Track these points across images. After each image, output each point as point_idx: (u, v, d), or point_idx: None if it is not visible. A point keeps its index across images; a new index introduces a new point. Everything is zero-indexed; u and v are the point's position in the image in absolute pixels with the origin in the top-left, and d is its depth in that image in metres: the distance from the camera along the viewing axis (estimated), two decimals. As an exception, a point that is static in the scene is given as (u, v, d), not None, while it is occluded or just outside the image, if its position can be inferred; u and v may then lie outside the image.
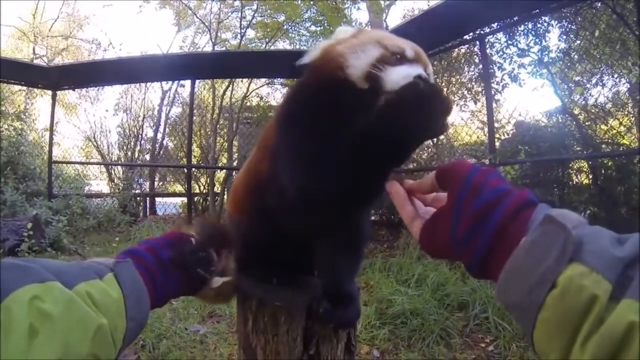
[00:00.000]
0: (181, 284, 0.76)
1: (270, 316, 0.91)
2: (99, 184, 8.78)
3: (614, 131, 4.65)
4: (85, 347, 0.52)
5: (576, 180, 4.61)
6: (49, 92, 7.13)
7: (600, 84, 5.15)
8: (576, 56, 5.32)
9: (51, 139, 6.94)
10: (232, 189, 1.14)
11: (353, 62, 0.74)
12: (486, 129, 4.85)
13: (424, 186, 0.65)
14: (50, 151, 6.88)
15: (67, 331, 0.50)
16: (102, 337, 0.54)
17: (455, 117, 6.53)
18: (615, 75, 5.07)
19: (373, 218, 5.80)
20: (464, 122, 6.58)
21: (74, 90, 7.84)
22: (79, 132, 8.91)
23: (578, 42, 5.22)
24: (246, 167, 1.06)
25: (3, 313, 0.45)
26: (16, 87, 8.91)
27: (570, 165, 4.54)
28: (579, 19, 4.93)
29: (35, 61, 11.28)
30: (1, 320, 0.45)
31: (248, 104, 7.66)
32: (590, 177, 4.40)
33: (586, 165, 4.49)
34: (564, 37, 5.19)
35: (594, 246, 0.40)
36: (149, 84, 8.53)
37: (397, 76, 0.69)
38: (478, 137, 6.29)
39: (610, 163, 4.19)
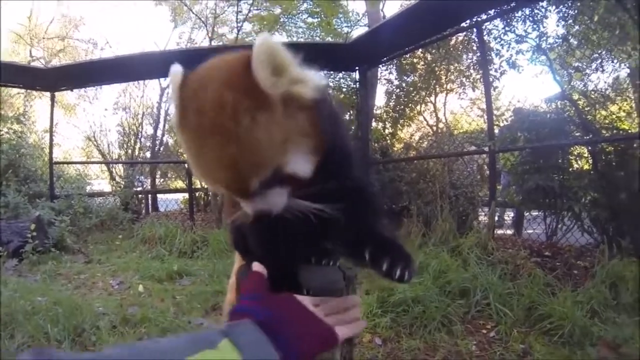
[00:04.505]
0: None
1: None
2: (100, 183, 8.80)
3: (614, 116, 4.61)
4: None
5: (576, 165, 4.58)
6: (48, 94, 7.11)
7: (600, 69, 5.08)
8: (575, 42, 5.26)
9: (51, 140, 6.95)
10: None
11: None
12: (485, 117, 4.84)
13: None
14: (50, 152, 6.89)
15: None
16: None
17: (455, 105, 6.54)
18: (615, 60, 4.99)
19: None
20: (463, 110, 6.59)
21: (72, 90, 7.81)
22: (79, 132, 8.98)
23: (577, 27, 5.15)
24: None
25: None
26: (14, 90, 8.93)
27: (570, 151, 4.52)
28: (577, 3, 4.86)
29: (32, 63, 11.26)
30: None
31: (247, 97, 7.64)
32: (590, 162, 4.38)
33: (586, 151, 4.46)
34: (562, 22, 5.11)
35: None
36: (147, 81, 8.53)
37: None
38: (478, 124, 6.28)
39: (610, 148, 4.16)
